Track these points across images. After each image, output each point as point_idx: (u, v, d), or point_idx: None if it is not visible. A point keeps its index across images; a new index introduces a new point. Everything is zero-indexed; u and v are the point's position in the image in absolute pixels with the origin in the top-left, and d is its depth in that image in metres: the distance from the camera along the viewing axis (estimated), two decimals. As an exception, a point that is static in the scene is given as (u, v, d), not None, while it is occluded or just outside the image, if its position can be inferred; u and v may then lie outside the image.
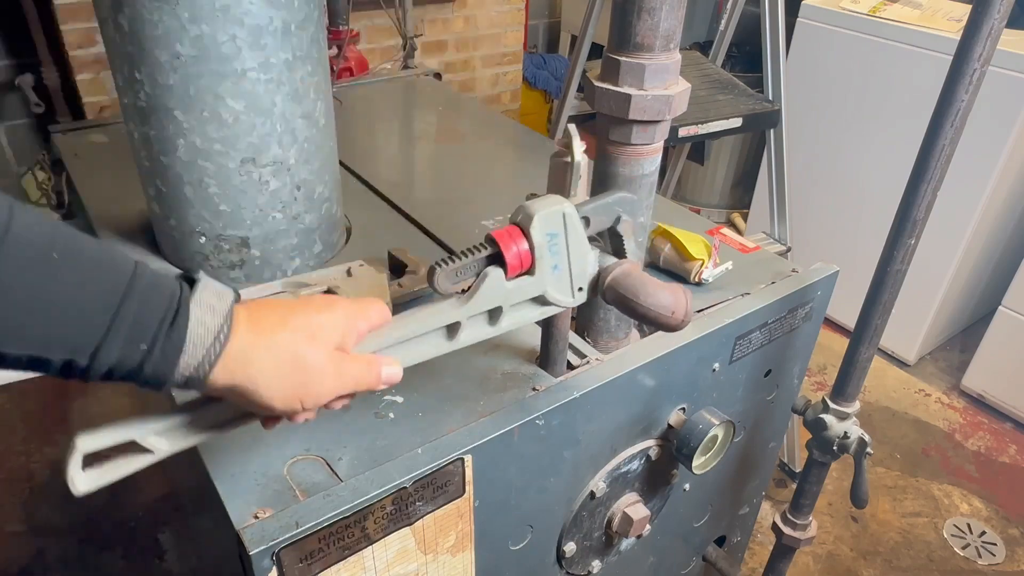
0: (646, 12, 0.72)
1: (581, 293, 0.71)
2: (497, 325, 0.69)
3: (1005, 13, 0.76)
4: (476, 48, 3.49)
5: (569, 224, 0.67)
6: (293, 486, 0.70)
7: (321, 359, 0.56)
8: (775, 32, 1.75)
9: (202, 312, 0.51)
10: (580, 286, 0.71)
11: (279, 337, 0.54)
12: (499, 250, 0.65)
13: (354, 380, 0.58)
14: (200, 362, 0.51)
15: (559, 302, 0.71)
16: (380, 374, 0.60)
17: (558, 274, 0.68)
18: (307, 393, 0.56)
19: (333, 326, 0.58)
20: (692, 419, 0.93)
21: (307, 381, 0.55)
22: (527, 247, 0.66)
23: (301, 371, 0.55)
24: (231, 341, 0.52)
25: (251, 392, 0.54)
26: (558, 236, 0.67)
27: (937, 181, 0.86)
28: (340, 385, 0.58)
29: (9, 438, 2.20)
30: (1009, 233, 2.58)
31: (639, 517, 0.95)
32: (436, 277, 0.64)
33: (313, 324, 0.56)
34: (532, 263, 0.66)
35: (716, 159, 3.40)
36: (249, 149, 0.92)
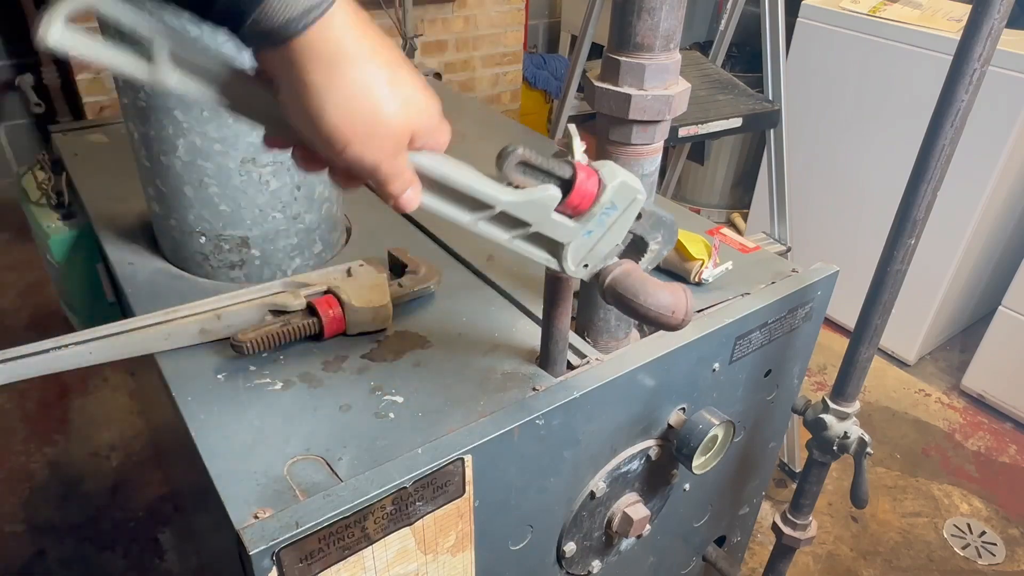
0: (646, 12, 0.72)
1: (585, 270, 0.70)
2: (510, 236, 0.65)
3: (1005, 13, 0.76)
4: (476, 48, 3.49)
5: (631, 208, 0.67)
6: (293, 486, 0.70)
7: (400, 122, 0.51)
8: (775, 32, 1.75)
9: None
10: (588, 264, 0.69)
11: (382, 56, 0.49)
12: (572, 180, 0.63)
13: (392, 169, 0.53)
14: (296, 15, 0.44)
15: (566, 263, 0.69)
16: (406, 189, 0.56)
17: (585, 240, 0.67)
18: (367, 134, 0.50)
19: (427, 111, 0.53)
20: (692, 419, 0.93)
21: (376, 123, 0.50)
22: (593, 198, 0.65)
23: (377, 112, 0.49)
24: (333, 15, 0.46)
25: (317, 89, 0.47)
26: (614, 211, 0.66)
27: (937, 181, 0.86)
28: (384, 159, 0.52)
29: (9, 438, 2.20)
30: (1009, 233, 2.58)
31: (639, 517, 0.95)
32: (507, 159, 0.62)
33: (414, 94, 0.52)
34: (583, 213, 0.65)
35: (716, 159, 3.41)
36: (249, 149, 0.92)
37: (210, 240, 0.98)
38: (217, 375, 0.84)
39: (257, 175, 0.94)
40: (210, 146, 0.91)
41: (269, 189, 0.96)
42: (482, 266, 1.06)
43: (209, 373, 0.84)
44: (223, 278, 1.02)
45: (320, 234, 1.05)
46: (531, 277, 1.04)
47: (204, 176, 0.93)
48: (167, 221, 0.99)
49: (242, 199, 0.95)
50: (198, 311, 0.88)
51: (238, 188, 0.95)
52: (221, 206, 0.95)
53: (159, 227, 1.03)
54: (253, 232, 0.98)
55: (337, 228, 1.10)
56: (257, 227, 0.98)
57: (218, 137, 0.90)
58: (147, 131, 0.92)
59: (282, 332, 0.87)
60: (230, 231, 0.97)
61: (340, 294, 0.90)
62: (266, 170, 0.95)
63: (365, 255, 1.00)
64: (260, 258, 1.01)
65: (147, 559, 1.87)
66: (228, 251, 0.99)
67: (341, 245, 1.12)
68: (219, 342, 0.88)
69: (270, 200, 0.97)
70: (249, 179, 0.94)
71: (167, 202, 0.97)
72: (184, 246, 1.00)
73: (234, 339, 0.85)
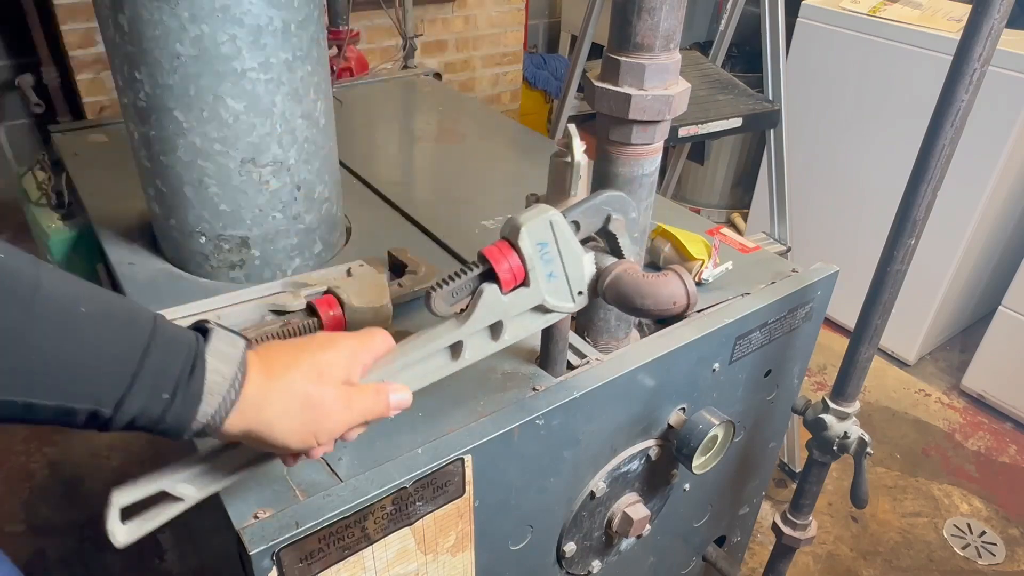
0: (646, 12, 0.72)
1: (581, 297, 0.71)
2: (500, 339, 0.69)
3: (1005, 13, 0.76)
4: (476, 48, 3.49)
5: (558, 231, 0.67)
6: (293, 486, 0.70)
7: (330, 395, 0.58)
8: (775, 32, 1.75)
9: (217, 361, 0.53)
10: (579, 290, 0.71)
11: (289, 379, 0.56)
12: (491, 267, 0.66)
13: (364, 410, 0.60)
14: (216, 410, 0.52)
15: (560, 308, 0.71)
16: (389, 401, 0.63)
17: (555, 281, 0.69)
18: (320, 429, 0.58)
19: (338, 362, 0.59)
20: (692, 419, 0.93)
21: (319, 418, 0.57)
22: (518, 261, 0.66)
23: (312, 409, 0.57)
24: (245, 387, 0.54)
25: (266, 435, 0.56)
26: (548, 245, 0.67)
27: (937, 181, 0.86)
28: (351, 417, 0.60)
29: (9, 438, 2.20)
30: (1009, 233, 2.58)
31: (639, 517, 0.95)
32: (433, 300, 0.65)
33: (320, 363, 0.58)
34: (525, 275, 0.67)
35: (716, 159, 3.40)
36: (249, 149, 0.92)
37: (210, 240, 0.98)
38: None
39: (257, 175, 0.94)
40: (210, 146, 0.91)
41: (269, 189, 0.96)
42: (482, 266, 1.06)
43: (209, 373, 0.84)
44: (223, 278, 1.02)
45: (320, 234, 1.05)
46: (531, 277, 1.04)
47: (204, 176, 0.93)
48: (167, 221, 0.99)
49: (242, 199, 0.95)
50: (198, 311, 0.88)
51: (238, 188, 0.94)
52: (221, 206, 0.95)
53: (159, 227, 1.03)
54: (253, 232, 0.98)
55: (337, 228, 1.10)
56: (257, 227, 0.98)
57: (218, 137, 0.90)
58: (147, 131, 0.92)
59: (282, 332, 0.87)
60: (230, 231, 0.97)
61: (340, 294, 0.90)
62: (266, 170, 0.95)
63: (365, 255, 1.00)
64: (260, 258, 1.01)
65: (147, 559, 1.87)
66: (228, 251, 0.99)
67: (341, 245, 1.12)
68: (219, 342, 0.88)
69: (270, 200, 0.97)
70: (249, 179, 0.94)
71: (167, 202, 0.97)
72: (184, 246, 1.00)
73: (234, 339, 0.85)
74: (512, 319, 0.68)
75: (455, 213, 1.22)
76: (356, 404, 0.60)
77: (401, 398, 0.64)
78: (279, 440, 0.56)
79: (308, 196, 1.00)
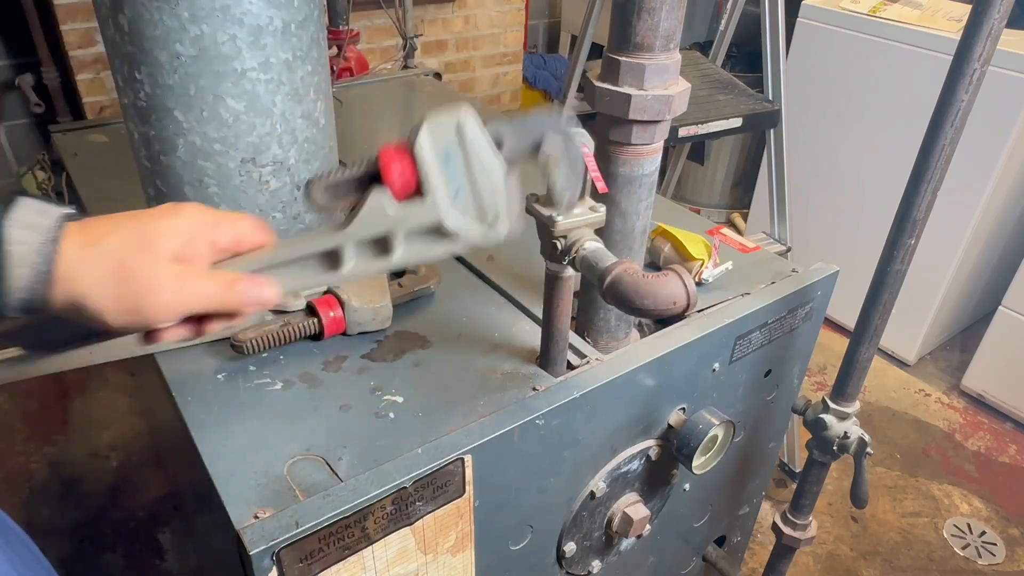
0: (646, 12, 0.72)
1: (498, 223, 0.60)
2: (388, 257, 0.60)
3: (1005, 13, 0.76)
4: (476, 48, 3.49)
5: (469, 139, 0.58)
6: (293, 486, 0.70)
7: (152, 269, 0.52)
8: (775, 32, 1.75)
9: (21, 231, 0.49)
10: (495, 214, 0.60)
11: (103, 246, 0.51)
12: (379, 171, 0.57)
13: (204, 296, 0.54)
14: (31, 282, 0.49)
15: (467, 233, 0.60)
16: (244, 293, 0.55)
17: (461, 200, 0.59)
18: (143, 305, 0.52)
19: (173, 232, 0.53)
20: (692, 419, 0.93)
21: (139, 292, 0.52)
22: (412, 168, 0.58)
23: (128, 282, 0.51)
24: (58, 256, 0.49)
25: (83, 307, 0.51)
26: (454, 154, 0.58)
27: (937, 181, 0.86)
28: (184, 300, 0.54)
29: (9, 438, 2.20)
30: (1009, 233, 2.58)
31: (639, 517, 0.95)
32: (311, 188, 0.58)
33: (149, 230, 0.52)
34: (419, 184, 0.58)
35: (716, 159, 3.40)
36: (249, 149, 0.92)
37: (210, 240, 0.98)
38: (217, 375, 0.84)
39: (257, 175, 0.94)
40: (210, 146, 0.91)
41: (269, 189, 0.96)
42: (482, 266, 1.06)
43: (209, 373, 0.84)
44: (223, 278, 1.01)
45: (320, 234, 1.05)
46: (531, 277, 1.04)
47: (204, 176, 0.93)
48: (167, 221, 0.99)
49: (242, 199, 0.95)
50: (198, 311, 0.88)
51: (238, 188, 0.94)
52: (221, 206, 0.95)
53: (159, 227, 1.03)
54: (253, 232, 0.98)
55: (337, 228, 1.10)
56: (257, 227, 0.98)
57: (218, 137, 0.90)
58: (147, 131, 0.92)
59: (282, 332, 0.87)
60: (230, 231, 0.97)
61: (340, 294, 0.90)
62: (266, 170, 0.95)
63: (365, 255, 1.00)
64: (260, 258, 1.01)
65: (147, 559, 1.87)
66: (228, 251, 0.99)
67: (341, 245, 1.12)
68: (219, 342, 0.88)
69: (270, 200, 0.97)
70: (249, 179, 0.94)
71: (167, 202, 0.97)
72: (184, 246, 1.00)
73: (234, 339, 0.85)
74: (405, 237, 0.59)
75: (455, 213, 1.22)
76: (191, 286, 0.53)
77: (261, 294, 0.55)
78: (95, 313, 0.51)
79: (308, 196, 1.00)
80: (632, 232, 0.88)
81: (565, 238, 0.74)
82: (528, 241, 0.74)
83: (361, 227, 0.58)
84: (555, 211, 0.73)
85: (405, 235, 0.59)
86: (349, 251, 0.59)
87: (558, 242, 0.74)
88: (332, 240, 0.59)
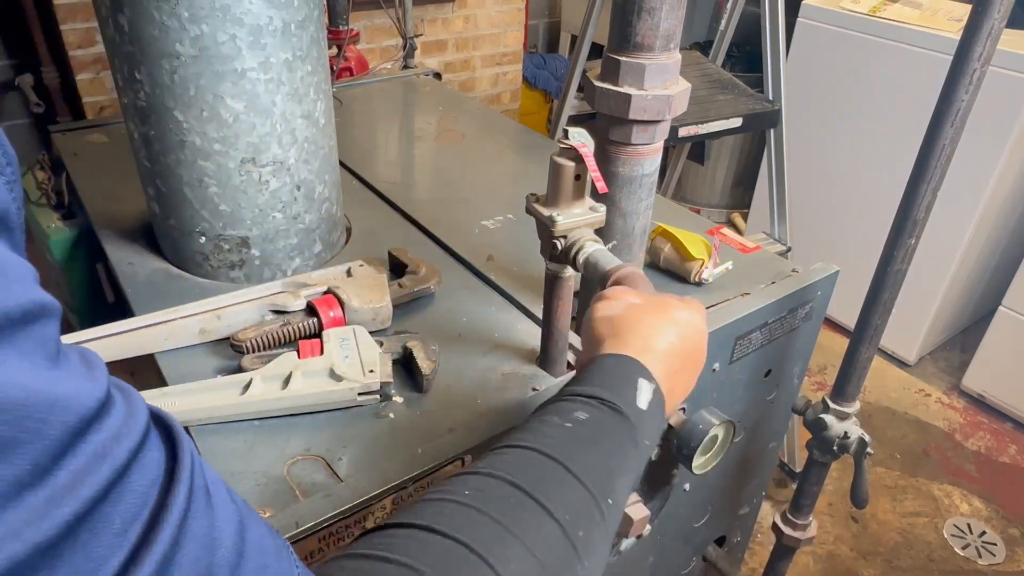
0: (646, 12, 0.72)
1: (372, 374, 0.80)
2: (289, 388, 0.78)
3: (1005, 13, 0.76)
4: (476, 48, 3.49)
5: (358, 335, 0.84)
6: (293, 486, 0.70)
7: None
8: (775, 32, 1.75)
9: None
10: (371, 369, 0.80)
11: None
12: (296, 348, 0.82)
13: None
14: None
15: (350, 378, 0.79)
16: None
17: (349, 361, 0.81)
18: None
19: None
20: (692, 419, 0.93)
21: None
22: (320, 345, 0.83)
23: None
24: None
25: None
26: (349, 340, 0.83)
27: (937, 181, 0.86)
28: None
29: (9, 438, 2.20)
30: (1009, 233, 2.58)
31: (639, 517, 0.94)
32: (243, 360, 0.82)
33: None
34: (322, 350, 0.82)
35: (716, 159, 3.40)
36: (249, 149, 0.92)
37: (210, 240, 0.98)
38: (217, 375, 0.84)
39: (257, 175, 0.94)
40: (210, 146, 0.91)
41: (269, 189, 0.96)
42: (482, 266, 1.06)
43: (209, 373, 0.84)
44: (223, 278, 1.02)
45: (320, 234, 1.05)
46: (531, 277, 1.04)
47: (204, 176, 0.93)
48: (167, 221, 0.99)
49: (242, 199, 0.95)
50: (198, 311, 0.88)
51: (238, 188, 0.94)
52: (221, 206, 0.95)
53: (159, 227, 1.03)
54: (253, 232, 0.98)
55: (337, 228, 1.10)
56: (257, 227, 0.98)
57: (218, 137, 0.90)
58: (147, 131, 0.92)
59: (282, 332, 0.87)
60: (230, 231, 0.97)
61: (340, 294, 0.90)
62: (266, 170, 0.95)
63: (365, 255, 1.00)
64: (260, 258, 1.01)
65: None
66: (228, 251, 0.99)
67: (341, 245, 1.12)
68: (219, 342, 0.88)
69: (270, 200, 0.97)
70: (249, 179, 0.94)
71: (167, 202, 0.97)
72: (184, 246, 1.00)
73: (234, 339, 0.85)
74: (304, 375, 0.79)
75: (455, 213, 1.22)
76: None
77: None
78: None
79: (308, 196, 1.00)
80: (632, 232, 0.88)
81: (565, 238, 0.74)
82: (528, 241, 0.74)
83: (272, 370, 0.80)
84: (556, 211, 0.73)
85: (304, 374, 0.80)
86: (258, 382, 0.78)
87: (558, 242, 0.74)
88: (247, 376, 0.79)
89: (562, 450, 0.50)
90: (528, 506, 0.46)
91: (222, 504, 0.34)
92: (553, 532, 0.46)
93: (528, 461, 0.49)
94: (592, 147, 0.71)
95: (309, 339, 0.85)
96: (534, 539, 0.44)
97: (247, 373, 0.79)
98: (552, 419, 0.53)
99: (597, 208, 0.75)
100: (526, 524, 0.45)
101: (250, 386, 0.77)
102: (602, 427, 0.53)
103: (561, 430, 0.52)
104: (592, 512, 0.49)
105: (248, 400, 0.76)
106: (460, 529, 0.43)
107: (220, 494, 0.34)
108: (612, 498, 0.51)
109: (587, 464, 0.50)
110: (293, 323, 0.88)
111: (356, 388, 0.79)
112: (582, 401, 0.54)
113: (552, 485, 0.48)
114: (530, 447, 0.50)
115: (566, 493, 0.48)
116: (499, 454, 0.51)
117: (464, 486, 0.47)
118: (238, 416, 0.77)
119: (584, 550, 0.47)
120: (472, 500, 0.45)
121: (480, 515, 0.44)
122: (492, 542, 0.43)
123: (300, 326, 0.88)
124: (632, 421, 0.54)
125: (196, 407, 0.75)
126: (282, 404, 0.77)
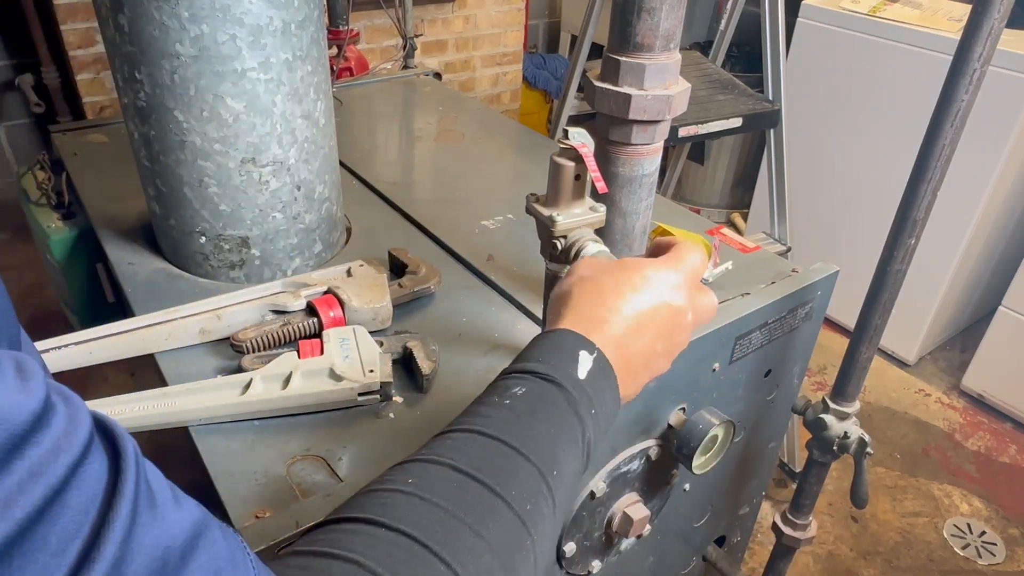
0: (646, 12, 0.72)
1: (372, 374, 0.81)
2: (289, 388, 0.78)
3: (1005, 13, 0.76)
4: (476, 48, 3.49)
5: (359, 335, 0.84)
6: (293, 486, 0.70)
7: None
8: (775, 32, 1.75)
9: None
10: (371, 369, 0.81)
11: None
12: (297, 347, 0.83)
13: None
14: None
15: (350, 377, 0.80)
16: None
17: (349, 361, 0.81)
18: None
19: None
20: (692, 419, 0.93)
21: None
22: (319, 344, 0.84)
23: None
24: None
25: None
26: (349, 340, 0.84)
27: (937, 181, 0.86)
28: None
29: (9, 438, 2.20)
30: (1009, 233, 2.58)
31: (639, 517, 0.94)
32: (242, 360, 0.82)
33: None
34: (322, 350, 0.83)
35: (716, 159, 3.41)
36: (249, 149, 0.92)
37: (210, 240, 0.98)
38: (217, 375, 0.84)
39: (257, 175, 0.94)
40: (210, 146, 0.91)
41: (269, 189, 0.96)
42: (482, 266, 1.06)
43: (209, 373, 0.84)
44: (223, 278, 1.02)
45: (320, 234, 1.05)
46: (531, 277, 1.04)
47: (204, 176, 0.93)
48: (167, 221, 0.99)
49: (242, 199, 0.95)
50: (198, 311, 0.88)
51: (238, 188, 0.94)
52: (221, 206, 0.95)
53: (159, 227, 1.03)
54: (253, 232, 0.98)
55: (337, 228, 1.10)
56: (257, 227, 0.98)
57: (218, 137, 0.90)
58: (147, 131, 0.92)
59: (282, 332, 0.87)
60: (230, 231, 0.97)
61: (340, 294, 0.90)
62: (266, 170, 0.95)
63: (365, 255, 1.00)
64: (260, 258, 1.01)
65: (147, 559, 1.87)
66: (228, 251, 0.99)
67: (341, 245, 1.12)
68: (219, 342, 0.88)
69: (270, 200, 0.97)
70: (249, 179, 0.94)
71: (167, 202, 0.97)
72: (184, 246, 1.00)
73: (234, 339, 0.85)
74: (303, 375, 0.80)
75: (455, 213, 1.22)
76: None
77: None
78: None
79: (308, 196, 1.00)
80: (632, 232, 0.88)
81: (565, 238, 0.74)
82: (528, 241, 0.74)
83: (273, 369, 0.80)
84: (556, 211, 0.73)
85: (303, 373, 0.80)
86: (257, 381, 0.78)
87: (558, 242, 0.74)
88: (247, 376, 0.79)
89: (501, 427, 0.50)
90: (472, 488, 0.46)
91: (169, 512, 0.33)
92: (499, 511, 0.46)
93: (468, 443, 0.49)
94: (592, 147, 0.71)
95: (309, 339, 0.85)
96: (480, 521, 0.44)
97: (247, 373, 0.79)
98: (491, 399, 0.53)
99: (597, 208, 0.75)
100: (471, 507, 0.45)
101: (250, 386, 0.77)
102: (540, 399, 0.53)
103: (499, 408, 0.52)
104: (538, 485, 0.49)
105: (248, 400, 0.76)
106: (404, 520, 0.43)
107: (167, 502, 0.33)
108: (557, 469, 0.50)
109: (527, 437, 0.50)
110: (293, 323, 0.88)
111: (356, 388, 0.79)
112: (516, 377, 0.54)
113: (495, 463, 0.48)
114: (469, 429, 0.50)
115: (509, 469, 0.48)
116: (439, 440, 0.50)
117: (406, 475, 0.47)
118: (238, 416, 0.77)
119: (533, 524, 0.47)
120: (415, 488, 0.45)
121: (424, 503, 0.44)
122: (438, 529, 0.43)
123: (300, 326, 0.88)
124: (570, 390, 0.53)
125: (196, 407, 0.75)
126: (282, 404, 0.77)
